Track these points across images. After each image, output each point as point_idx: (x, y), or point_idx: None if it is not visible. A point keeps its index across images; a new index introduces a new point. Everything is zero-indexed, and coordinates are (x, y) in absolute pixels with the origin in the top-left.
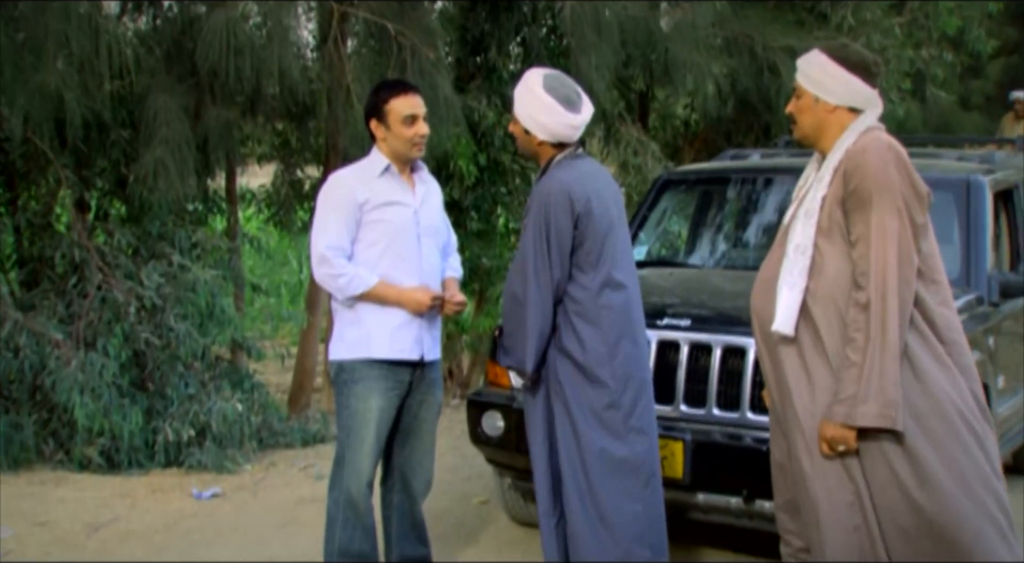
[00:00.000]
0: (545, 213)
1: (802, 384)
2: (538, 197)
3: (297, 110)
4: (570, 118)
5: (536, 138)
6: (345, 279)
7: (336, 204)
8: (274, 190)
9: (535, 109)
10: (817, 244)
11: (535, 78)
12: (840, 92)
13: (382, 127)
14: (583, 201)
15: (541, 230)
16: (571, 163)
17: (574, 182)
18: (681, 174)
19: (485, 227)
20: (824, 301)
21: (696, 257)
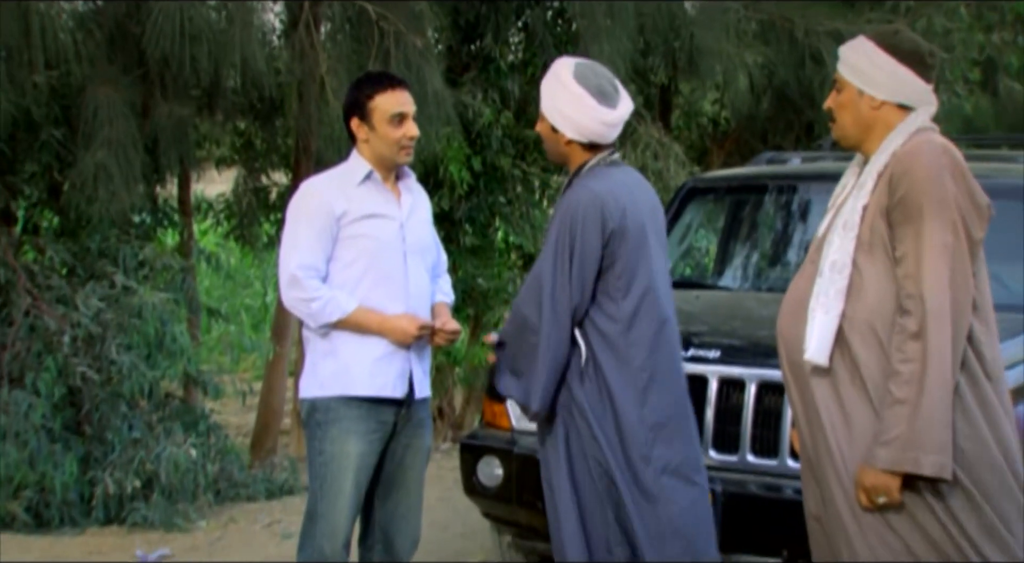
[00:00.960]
0: (571, 228)
1: (837, 423)
2: (564, 209)
3: (262, 106)
4: (603, 113)
5: (564, 137)
6: (319, 304)
7: (309, 217)
8: (235, 199)
9: (563, 102)
10: (856, 261)
11: (565, 67)
12: (888, 85)
13: (364, 127)
14: (617, 216)
15: (564, 247)
16: (606, 171)
17: (608, 193)
18: (709, 181)
19: (481, 243)
20: (863, 327)
21: (727, 278)
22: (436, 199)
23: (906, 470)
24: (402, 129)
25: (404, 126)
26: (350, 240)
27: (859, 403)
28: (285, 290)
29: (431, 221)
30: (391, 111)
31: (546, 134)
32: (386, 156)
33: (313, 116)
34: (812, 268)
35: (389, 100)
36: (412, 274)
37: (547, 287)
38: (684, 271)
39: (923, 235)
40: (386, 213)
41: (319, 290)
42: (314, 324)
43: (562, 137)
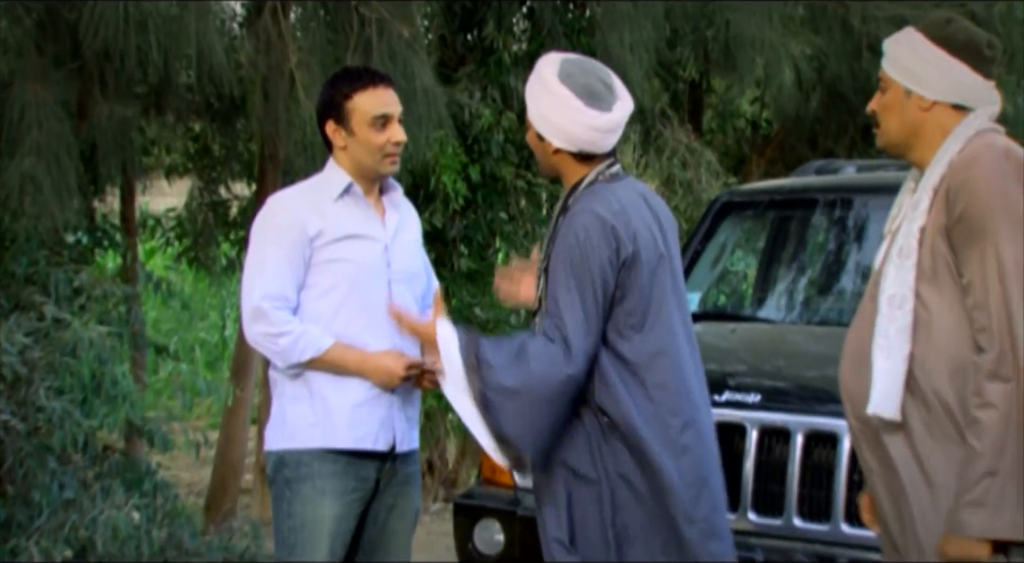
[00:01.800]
0: (578, 259)
1: (919, 485)
2: (568, 237)
3: (221, 106)
4: (592, 117)
5: (551, 146)
6: (288, 340)
7: (277, 237)
8: (188, 215)
9: (547, 106)
10: (919, 294)
11: (549, 64)
12: (939, 83)
13: (342, 132)
14: (630, 240)
15: (577, 281)
16: (607, 188)
17: (618, 216)
18: (747, 194)
19: (478, 266)
20: (937, 371)
21: (768, 308)
22: (426, 215)
23: (998, 536)
24: (386, 134)
25: (388, 130)
26: (325, 265)
27: (942, 460)
28: (248, 323)
29: (420, 242)
30: (373, 112)
31: (533, 143)
32: (368, 166)
33: (281, 117)
34: (872, 305)
35: (370, 100)
36: (398, 304)
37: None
38: (718, 300)
39: (990, 256)
40: (368, 233)
41: (288, 324)
42: (282, 363)
43: (549, 146)
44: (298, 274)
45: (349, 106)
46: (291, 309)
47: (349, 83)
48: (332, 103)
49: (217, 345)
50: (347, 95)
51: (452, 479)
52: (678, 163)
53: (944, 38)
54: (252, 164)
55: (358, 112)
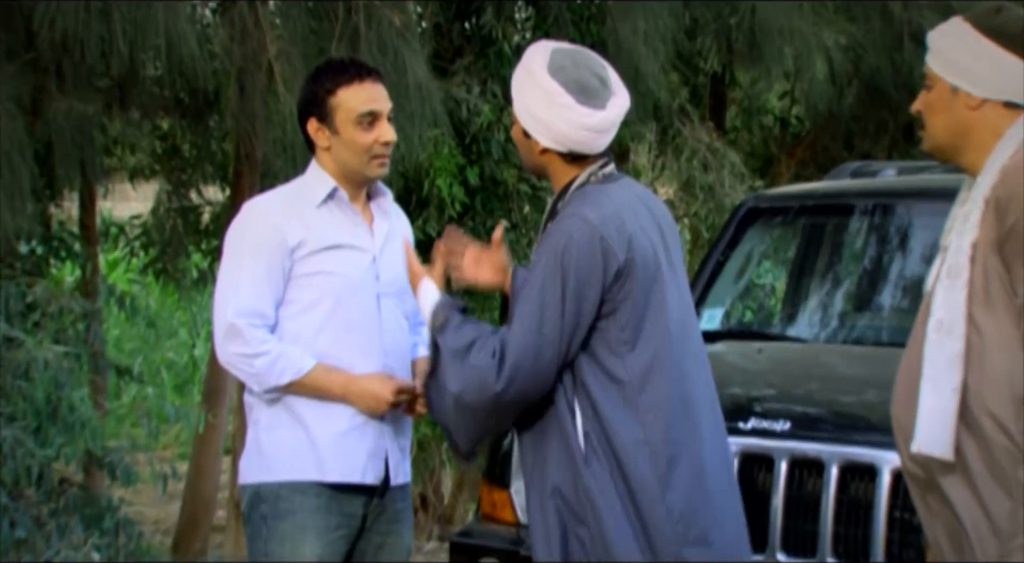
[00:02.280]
0: (554, 270)
1: (983, 534)
2: (552, 246)
3: (192, 101)
4: (584, 115)
5: (538, 144)
6: (266, 361)
7: (253, 247)
8: (155, 223)
9: (534, 100)
10: (972, 317)
11: (538, 54)
12: (990, 79)
13: (325, 131)
14: (623, 249)
15: (557, 296)
16: (600, 190)
17: (609, 221)
18: (776, 199)
19: None
20: (995, 403)
21: (799, 325)
22: (419, 223)
23: None
24: (373, 133)
25: (376, 129)
26: (307, 278)
27: (1008, 504)
28: (222, 343)
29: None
30: (359, 110)
31: (518, 140)
32: (354, 168)
33: (258, 114)
34: (923, 330)
35: (356, 95)
36: (388, 322)
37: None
38: (743, 316)
39: None
40: (354, 243)
41: (266, 343)
42: (259, 387)
43: (535, 145)
44: (277, 288)
45: (333, 102)
46: (268, 327)
47: (333, 77)
48: (314, 99)
49: (186, 367)
50: (330, 90)
51: (448, 515)
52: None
53: (994, 29)
54: (226, 166)
55: (342, 109)
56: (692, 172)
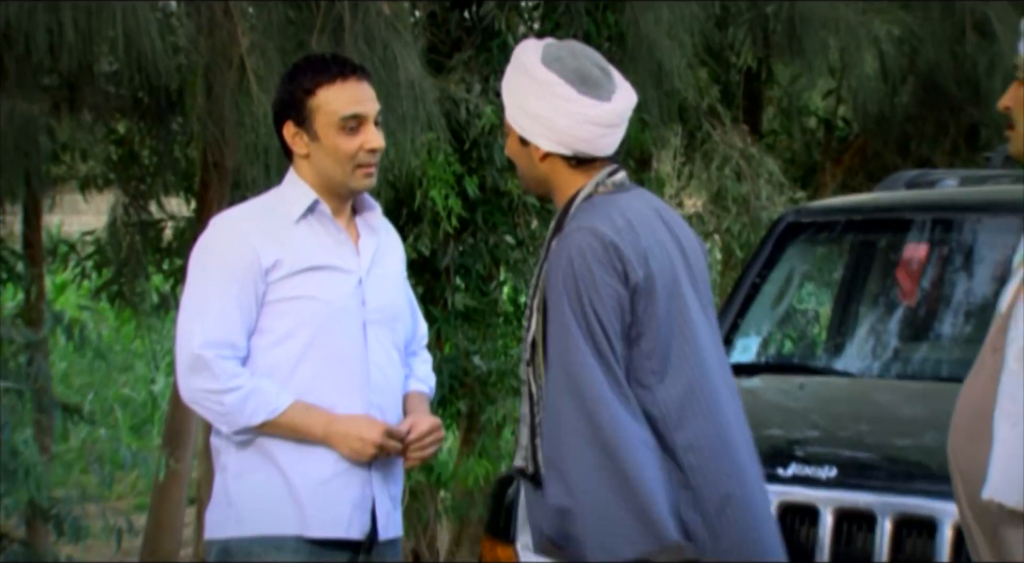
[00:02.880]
0: (576, 289)
1: None
2: (559, 265)
3: (152, 101)
4: (588, 106)
5: (538, 150)
6: (236, 398)
7: (223, 269)
8: (110, 239)
9: (530, 97)
10: None
11: (530, 50)
12: None
13: (303, 136)
14: (640, 263)
15: (581, 318)
16: (610, 200)
17: (623, 233)
18: (819, 213)
19: (478, 303)
20: None
21: (847, 357)
22: (411, 240)
23: None
24: (358, 139)
25: (361, 134)
26: (284, 304)
27: None
28: (186, 377)
29: (404, 274)
30: (341, 112)
31: (515, 153)
32: (335, 179)
33: (228, 116)
34: (995, 360)
35: (339, 96)
36: (376, 353)
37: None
38: (782, 347)
39: None
40: (338, 263)
41: (236, 377)
42: (228, 428)
43: (535, 151)
44: (249, 315)
45: (312, 104)
46: (239, 359)
47: (312, 75)
48: (291, 100)
49: (144, 405)
50: (309, 90)
51: None
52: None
53: None
54: (192, 175)
55: (323, 112)
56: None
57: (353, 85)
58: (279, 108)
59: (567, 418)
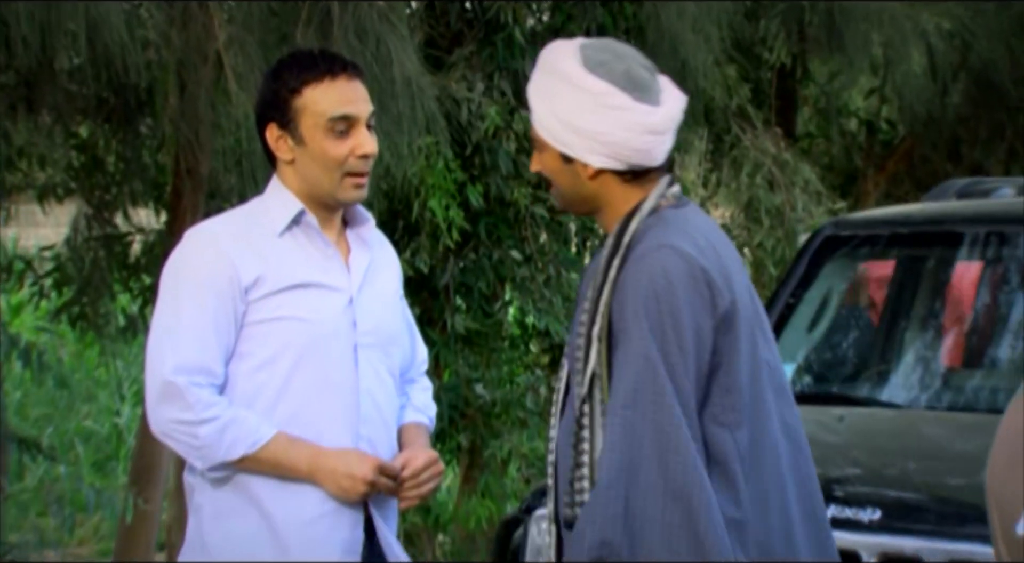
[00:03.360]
0: (660, 317)
1: None
2: (638, 288)
3: (118, 101)
4: (643, 113)
5: (588, 168)
6: (212, 429)
7: (198, 287)
8: (71, 255)
9: (575, 109)
10: None
11: (563, 54)
12: None
13: (287, 140)
14: (727, 288)
15: (664, 351)
16: (680, 216)
17: (707, 254)
18: (861, 226)
19: (481, 326)
20: None
21: (892, 387)
22: (408, 255)
23: None
24: (348, 143)
25: (352, 138)
26: (266, 326)
27: None
28: (156, 407)
29: (400, 293)
30: (330, 113)
31: (554, 171)
32: (323, 188)
33: (203, 118)
34: None
35: (327, 95)
36: (368, 380)
37: (666, 416)
38: (820, 375)
39: None
40: (326, 281)
41: (212, 407)
42: (203, 464)
43: (582, 169)
44: (227, 338)
45: (297, 104)
46: (216, 387)
47: (297, 72)
48: (274, 100)
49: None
50: (295, 89)
51: None
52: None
53: None
54: (162, 183)
55: (309, 113)
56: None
57: (343, 83)
58: (262, 109)
59: (645, 467)
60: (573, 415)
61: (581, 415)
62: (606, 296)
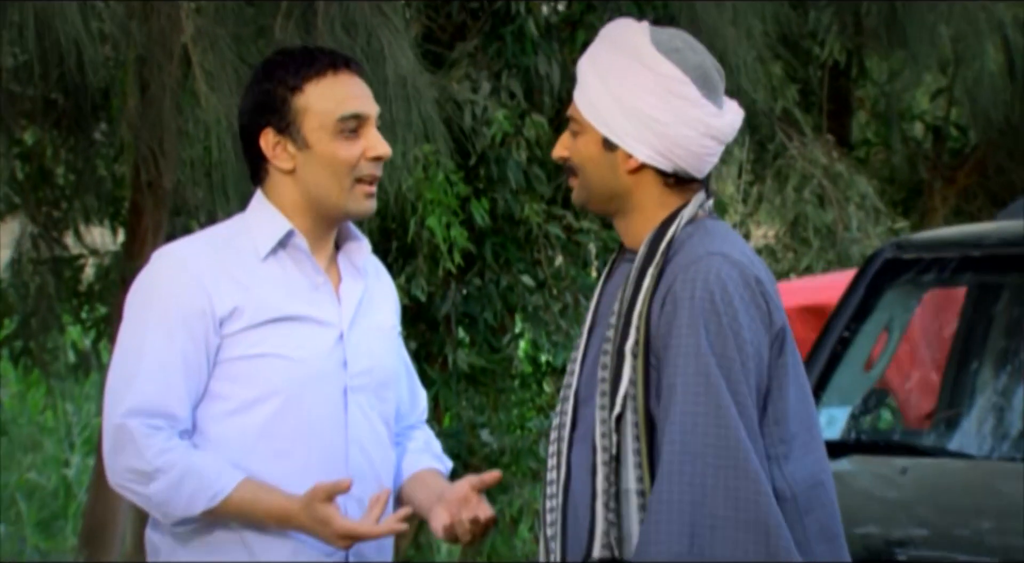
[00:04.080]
0: (719, 329)
1: None
2: (690, 298)
3: (69, 104)
4: (710, 114)
5: (632, 160)
6: (166, 481)
7: (164, 317)
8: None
9: (637, 90)
10: None
11: (632, 31)
12: None
13: (287, 145)
14: (777, 307)
15: (724, 367)
16: (723, 226)
17: (756, 263)
18: (927, 247)
19: (487, 362)
20: None
21: (963, 434)
22: (403, 281)
23: None
24: (359, 144)
25: (363, 139)
26: (243, 364)
27: None
28: (110, 454)
29: (397, 328)
30: (338, 112)
31: (588, 158)
32: (331, 199)
33: (167, 123)
34: None
35: (332, 92)
36: (358, 428)
37: (732, 437)
38: (879, 420)
39: None
40: (313, 313)
41: (165, 453)
42: (165, 517)
43: (623, 159)
44: (196, 378)
45: (299, 104)
46: (179, 432)
47: (296, 68)
48: (270, 101)
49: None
50: (295, 87)
51: None
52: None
53: None
54: (120, 198)
55: (313, 112)
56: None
57: (347, 79)
58: (253, 112)
59: (712, 497)
60: (592, 444)
61: (609, 443)
62: (641, 307)
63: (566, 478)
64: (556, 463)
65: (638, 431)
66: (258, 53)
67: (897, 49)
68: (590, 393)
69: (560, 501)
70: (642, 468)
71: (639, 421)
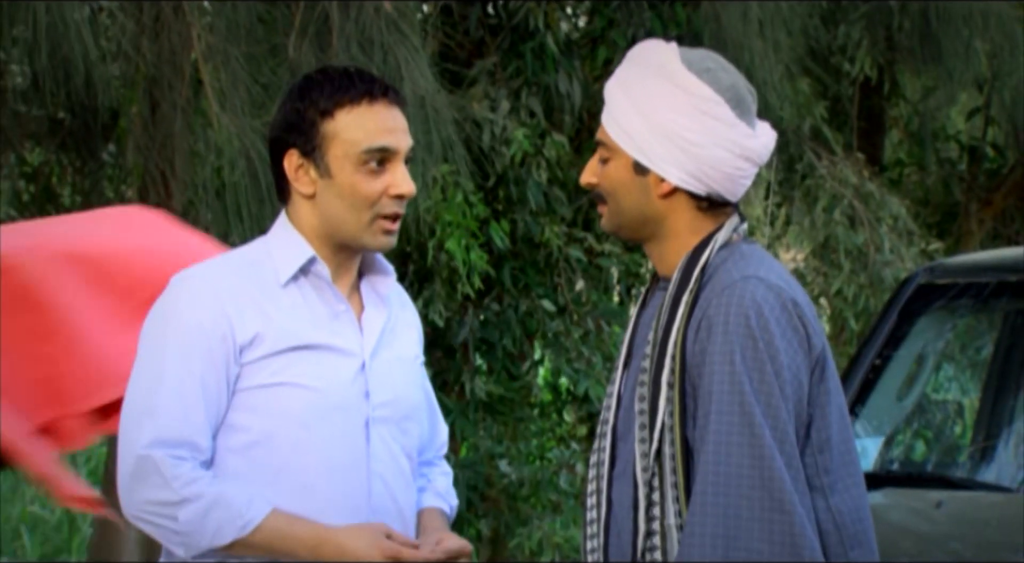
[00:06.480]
0: (757, 357)
1: None
2: (727, 324)
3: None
4: (744, 135)
5: (664, 185)
6: (193, 511)
7: (182, 345)
8: None
9: (674, 114)
10: None
11: (661, 51)
12: None
13: (310, 169)
14: (816, 332)
15: (763, 397)
16: (759, 250)
17: (793, 286)
18: (963, 272)
19: (505, 390)
20: None
21: (1001, 466)
22: (420, 306)
23: None
24: (383, 180)
25: (388, 174)
26: (262, 393)
27: None
28: (129, 486)
29: (421, 359)
30: (366, 143)
31: (619, 183)
32: (347, 230)
33: (177, 144)
34: None
35: (363, 121)
36: (380, 461)
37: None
38: (913, 451)
39: None
40: (334, 343)
41: (194, 483)
42: (187, 552)
43: (656, 184)
44: (216, 407)
45: (328, 128)
46: (202, 463)
47: (330, 92)
48: (299, 122)
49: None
50: (326, 110)
51: None
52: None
53: None
54: None
55: (341, 139)
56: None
57: (383, 109)
58: (281, 131)
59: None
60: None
61: (651, 476)
62: (676, 336)
63: (607, 516)
64: (596, 501)
65: (675, 464)
66: (271, 72)
67: (931, 65)
68: (628, 428)
69: (602, 541)
70: (680, 502)
71: (676, 453)
